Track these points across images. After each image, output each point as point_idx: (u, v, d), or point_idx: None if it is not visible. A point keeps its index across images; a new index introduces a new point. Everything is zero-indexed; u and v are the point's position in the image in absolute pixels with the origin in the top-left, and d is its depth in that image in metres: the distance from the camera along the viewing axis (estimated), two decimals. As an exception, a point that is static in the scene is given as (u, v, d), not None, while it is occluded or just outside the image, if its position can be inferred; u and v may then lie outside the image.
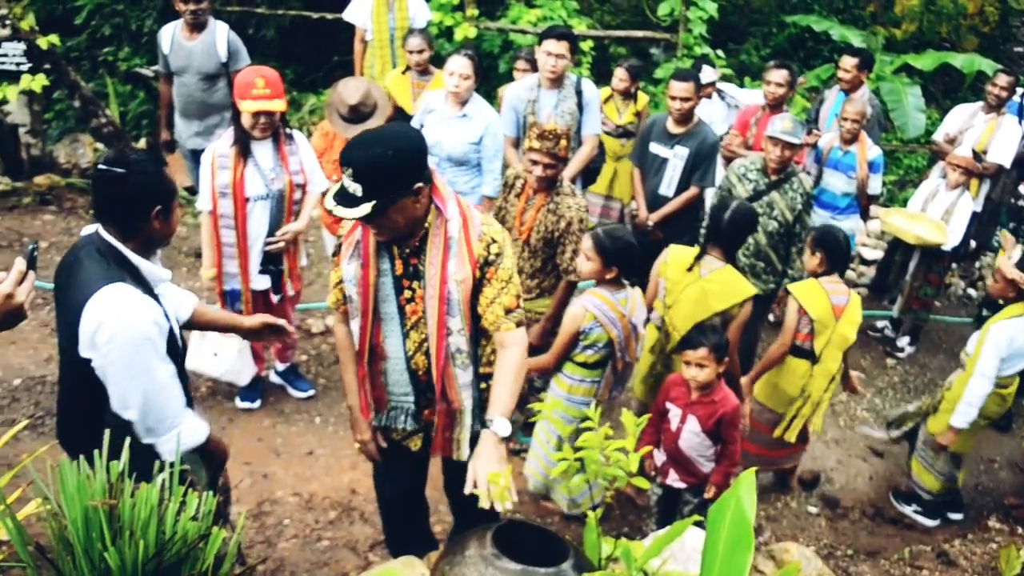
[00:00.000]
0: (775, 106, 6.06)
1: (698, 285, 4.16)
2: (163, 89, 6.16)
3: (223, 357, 4.76)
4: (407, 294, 2.88)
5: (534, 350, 4.02)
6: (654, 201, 5.70)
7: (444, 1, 8.06)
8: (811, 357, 4.53)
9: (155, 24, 8.41)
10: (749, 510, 2.05)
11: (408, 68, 6.35)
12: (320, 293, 6.21)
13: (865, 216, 6.50)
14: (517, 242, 4.46)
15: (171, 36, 5.95)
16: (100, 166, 2.62)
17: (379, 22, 6.87)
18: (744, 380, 4.52)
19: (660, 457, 4.14)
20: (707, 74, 6.75)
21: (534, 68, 6.61)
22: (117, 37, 9.00)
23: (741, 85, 8.44)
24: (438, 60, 8.18)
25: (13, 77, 6.73)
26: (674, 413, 4.00)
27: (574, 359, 4.01)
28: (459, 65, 5.08)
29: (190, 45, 5.89)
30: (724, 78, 8.08)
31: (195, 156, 6.04)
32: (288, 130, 4.58)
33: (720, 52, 8.73)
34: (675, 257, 4.29)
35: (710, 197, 5.66)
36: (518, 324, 2.87)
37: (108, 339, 2.54)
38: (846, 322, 4.48)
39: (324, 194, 4.77)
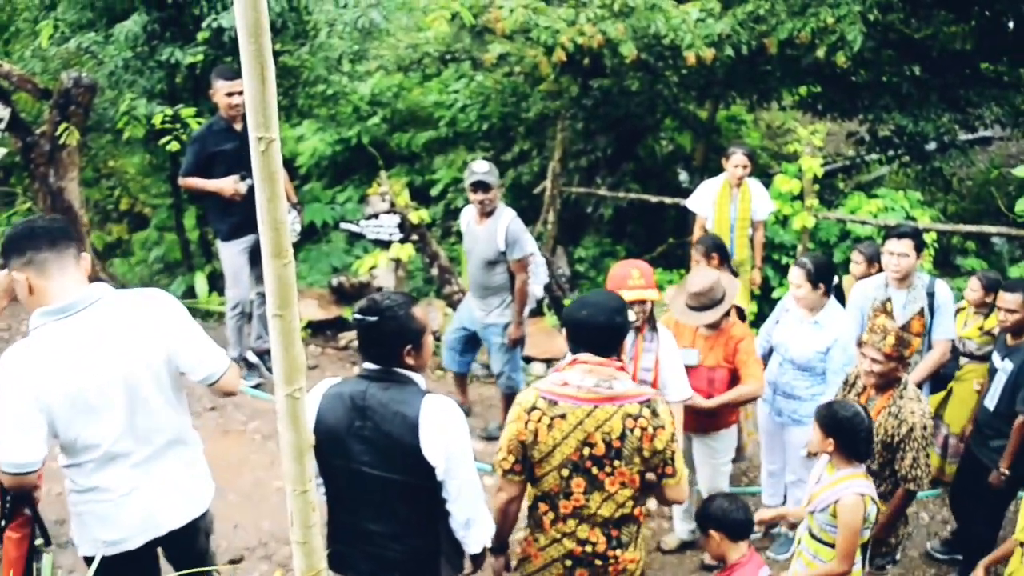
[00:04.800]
0: None
1: None
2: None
3: None
4: None
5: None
6: (981, 415, 5.13)
7: (784, 191, 8.11)
8: None
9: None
10: None
11: None
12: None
13: None
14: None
15: (468, 218, 6.03)
16: (356, 315, 3.03)
17: (721, 211, 6.96)
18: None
19: None
20: None
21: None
22: (468, 210, 9.89)
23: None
24: (771, 246, 8.26)
25: (384, 244, 7.58)
26: None
27: None
28: (794, 276, 4.97)
29: (477, 229, 5.86)
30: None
31: None
32: (657, 323, 4.51)
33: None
34: None
35: None
36: None
37: (454, 439, 2.94)
38: None
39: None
